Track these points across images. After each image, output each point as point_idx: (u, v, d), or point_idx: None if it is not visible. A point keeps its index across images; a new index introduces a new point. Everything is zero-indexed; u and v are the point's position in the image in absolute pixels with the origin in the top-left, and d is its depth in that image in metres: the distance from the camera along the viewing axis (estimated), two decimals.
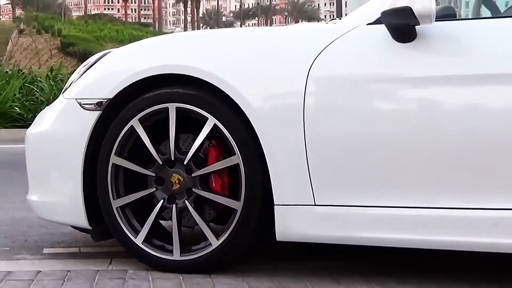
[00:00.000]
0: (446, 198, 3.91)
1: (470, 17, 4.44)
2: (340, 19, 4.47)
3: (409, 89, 4.03)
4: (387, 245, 4.06)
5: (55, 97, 5.01)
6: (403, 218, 3.97)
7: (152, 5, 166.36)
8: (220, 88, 4.19)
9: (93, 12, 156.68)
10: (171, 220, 4.32)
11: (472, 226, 3.87)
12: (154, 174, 4.37)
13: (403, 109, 4.04)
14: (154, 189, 4.37)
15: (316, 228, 4.10)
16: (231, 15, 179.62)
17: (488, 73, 3.90)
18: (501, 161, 3.84)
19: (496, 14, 4.63)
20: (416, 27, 3.96)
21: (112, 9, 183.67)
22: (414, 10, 3.88)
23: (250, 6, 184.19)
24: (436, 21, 3.93)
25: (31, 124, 4.95)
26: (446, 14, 4.08)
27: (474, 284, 4.08)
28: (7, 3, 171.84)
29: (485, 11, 4.62)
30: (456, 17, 4.18)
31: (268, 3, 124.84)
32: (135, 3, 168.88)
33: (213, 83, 4.20)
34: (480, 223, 3.87)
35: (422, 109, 4.00)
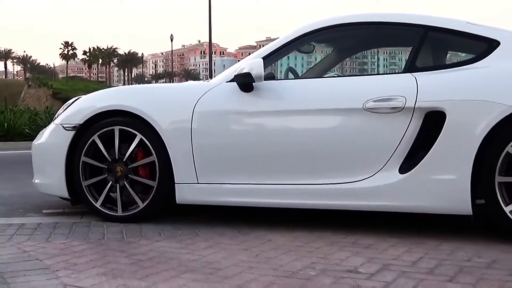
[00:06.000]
0: (273, 178, 3.96)
1: (282, 78, 4.49)
2: (211, 79, 4.48)
3: (249, 118, 4.06)
4: (239, 205, 4.08)
5: (49, 123, 4.86)
6: (249, 190, 3.99)
7: (105, 71, 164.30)
8: (144, 118, 4.15)
9: (71, 75, 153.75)
10: (116, 193, 4.28)
11: (290, 194, 3.94)
12: (106, 167, 4.30)
13: (246, 128, 4.07)
14: (106, 175, 4.31)
15: (198, 196, 4.10)
16: (150, 76, 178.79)
17: (292, 109, 3.95)
18: (304, 158, 3.90)
19: (296, 77, 4.70)
20: (253, 83, 4.01)
21: (82, 73, 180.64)
22: (252, 74, 3.95)
23: (160, 72, 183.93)
24: (264, 80, 4.00)
25: (35, 138, 4.84)
26: (269, 77, 4.12)
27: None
28: (21, 70, 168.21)
29: (290, 75, 4.67)
30: (274, 78, 4.21)
31: (171, 70, 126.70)
32: (95, 69, 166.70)
33: (140, 115, 4.17)
34: (293, 192, 3.93)
35: (256, 128, 4.05)
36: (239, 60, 4.99)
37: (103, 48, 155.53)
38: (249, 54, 4.66)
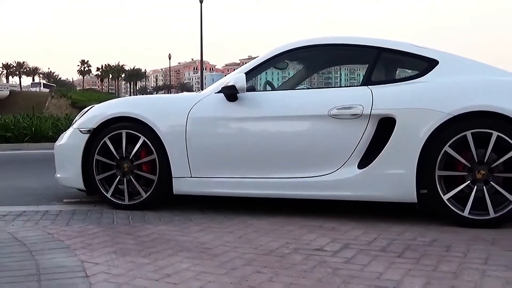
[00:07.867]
0: (254, 173, 3.93)
1: (261, 90, 4.47)
2: (202, 90, 4.46)
3: (234, 123, 4.04)
4: (226, 195, 4.05)
5: (68, 127, 4.82)
6: (234, 183, 3.96)
7: (114, 84, 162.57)
8: (146, 123, 4.13)
9: (86, 87, 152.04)
10: (124, 185, 4.25)
11: (267, 186, 3.91)
12: (115, 163, 4.27)
13: (231, 131, 4.05)
14: (115, 170, 4.28)
15: (192, 187, 4.07)
16: (152, 88, 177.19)
17: (269, 115, 3.95)
18: (279, 156, 3.89)
19: (273, 89, 4.69)
20: (237, 94, 3.99)
21: (95, 86, 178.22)
22: (236, 86, 3.94)
23: (160, 84, 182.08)
24: (246, 91, 3.99)
25: (56, 140, 4.79)
26: (251, 89, 4.12)
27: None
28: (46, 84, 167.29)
29: (268, 88, 4.66)
30: (255, 90, 4.21)
31: (169, 83, 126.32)
32: (106, 83, 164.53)
33: (143, 120, 4.14)
34: (270, 185, 3.90)
35: (240, 131, 4.02)
36: (225, 75, 4.97)
37: (113, 65, 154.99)
38: (234, 70, 4.64)
